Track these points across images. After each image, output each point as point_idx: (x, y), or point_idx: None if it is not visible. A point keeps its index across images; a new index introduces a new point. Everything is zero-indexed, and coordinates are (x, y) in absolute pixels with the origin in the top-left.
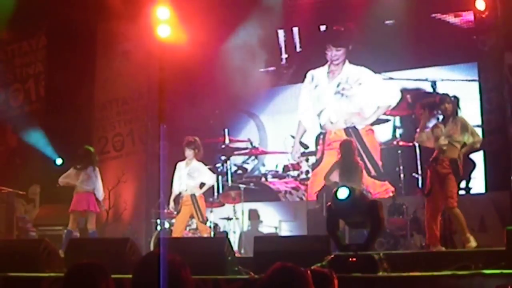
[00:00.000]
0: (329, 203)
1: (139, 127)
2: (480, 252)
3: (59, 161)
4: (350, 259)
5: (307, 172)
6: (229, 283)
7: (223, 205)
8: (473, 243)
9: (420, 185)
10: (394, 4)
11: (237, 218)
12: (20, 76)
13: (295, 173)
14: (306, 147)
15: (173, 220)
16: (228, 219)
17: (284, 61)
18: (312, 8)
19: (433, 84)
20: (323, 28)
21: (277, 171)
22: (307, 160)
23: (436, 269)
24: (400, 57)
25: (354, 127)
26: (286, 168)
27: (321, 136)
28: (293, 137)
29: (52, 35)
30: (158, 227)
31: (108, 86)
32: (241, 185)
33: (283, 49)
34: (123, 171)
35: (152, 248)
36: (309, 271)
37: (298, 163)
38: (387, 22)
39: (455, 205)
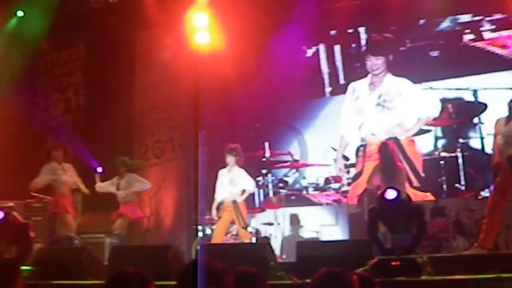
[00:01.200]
0: (371, 206)
1: (179, 134)
2: None
3: (99, 169)
4: (393, 263)
5: (349, 184)
6: None
7: (264, 210)
8: None
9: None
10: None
11: (278, 223)
12: (59, 85)
13: (336, 185)
14: (347, 159)
15: (214, 226)
16: (270, 224)
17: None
18: (350, 13)
19: (474, 93)
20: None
21: (318, 184)
22: (348, 172)
23: (480, 272)
24: (439, 66)
25: (396, 138)
26: (327, 181)
27: (361, 148)
28: (334, 149)
29: (91, 44)
30: (199, 234)
31: (147, 94)
32: (282, 190)
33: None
34: (164, 178)
35: (193, 254)
36: (355, 276)
37: (339, 176)
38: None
39: None
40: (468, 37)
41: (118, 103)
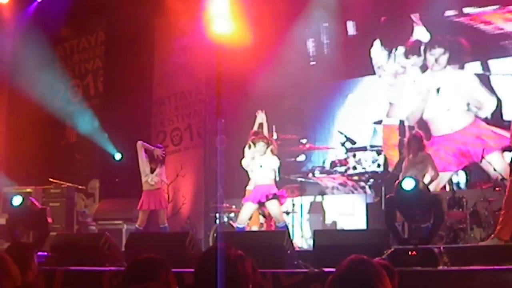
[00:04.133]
0: (388, 196)
1: (197, 122)
2: None
3: (118, 156)
4: (410, 252)
5: (354, 167)
6: (288, 277)
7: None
8: None
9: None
10: None
11: (295, 212)
12: (79, 72)
13: (342, 168)
14: (353, 142)
15: (232, 214)
16: (287, 213)
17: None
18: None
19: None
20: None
21: (324, 167)
22: (354, 156)
23: (496, 263)
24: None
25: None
26: (333, 164)
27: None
28: (341, 132)
29: (110, 31)
30: (217, 221)
31: (166, 81)
32: (299, 179)
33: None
34: (182, 165)
35: (211, 242)
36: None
37: (345, 159)
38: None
39: None
40: None
41: (136, 90)
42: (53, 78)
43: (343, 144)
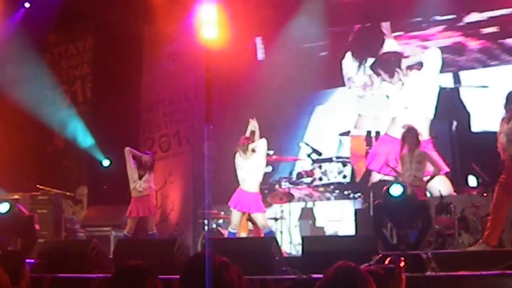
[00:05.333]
0: (376, 202)
1: (185, 128)
2: None
3: (106, 163)
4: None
5: (320, 179)
6: (277, 283)
7: (271, 205)
8: None
9: (468, 184)
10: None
11: (284, 218)
12: (67, 78)
13: (308, 179)
14: (319, 154)
15: (220, 220)
16: (276, 219)
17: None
18: (357, 8)
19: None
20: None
21: (291, 178)
22: (320, 167)
23: (484, 268)
24: None
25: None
26: (299, 175)
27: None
28: (307, 144)
29: (99, 37)
30: (205, 228)
31: (154, 87)
32: (289, 185)
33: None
34: (170, 171)
35: (199, 248)
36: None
37: (311, 170)
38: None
39: None
40: None
41: (125, 96)
42: (41, 84)
43: (309, 156)
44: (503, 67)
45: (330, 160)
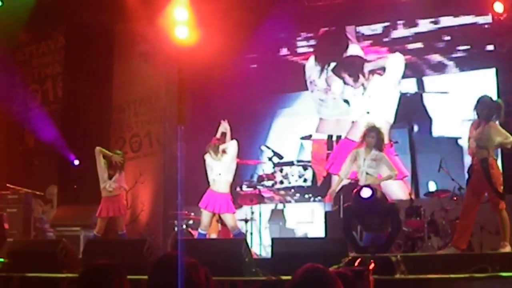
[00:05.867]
0: (346, 204)
1: (156, 128)
2: (497, 255)
3: (76, 162)
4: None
5: (281, 182)
6: (246, 285)
7: (241, 206)
8: None
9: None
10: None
11: (254, 220)
12: (38, 77)
13: (269, 183)
14: (280, 157)
15: (190, 221)
16: (246, 220)
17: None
18: (333, 11)
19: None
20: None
21: (252, 181)
22: (281, 171)
23: (453, 272)
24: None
25: None
26: (260, 178)
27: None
28: (267, 147)
29: (70, 36)
30: (176, 228)
31: (126, 87)
32: (259, 187)
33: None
34: (141, 172)
35: (169, 249)
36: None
37: (273, 173)
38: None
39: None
40: None
41: (96, 96)
42: (12, 83)
43: (270, 159)
44: (463, 74)
45: (291, 163)
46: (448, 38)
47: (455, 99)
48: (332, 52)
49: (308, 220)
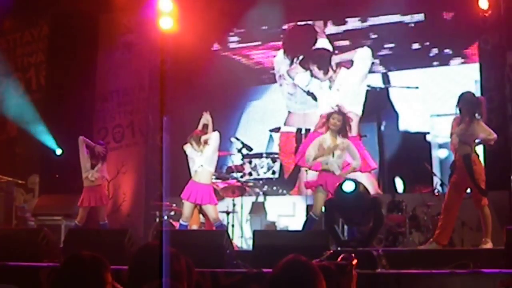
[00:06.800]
0: (328, 198)
1: (139, 119)
2: (479, 251)
3: (58, 151)
4: None
5: (250, 174)
6: (227, 277)
7: (223, 198)
8: None
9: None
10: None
11: (236, 212)
12: (21, 65)
13: (238, 174)
14: (250, 149)
15: (172, 213)
16: (227, 212)
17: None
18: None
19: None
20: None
21: (221, 172)
22: (250, 163)
23: (434, 267)
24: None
25: None
26: (229, 170)
27: None
28: (237, 139)
29: (54, 25)
30: (157, 219)
31: (109, 77)
32: (241, 179)
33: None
34: (123, 162)
35: (150, 239)
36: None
37: (241, 165)
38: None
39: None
40: None
41: (79, 85)
42: None
43: (239, 151)
44: (430, 69)
45: (260, 155)
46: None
47: (423, 94)
48: (301, 46)
49: (289, 213)
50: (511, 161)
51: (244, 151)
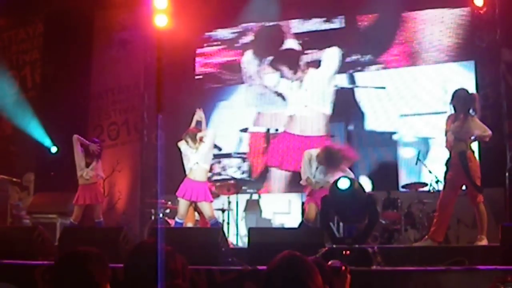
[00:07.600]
0: (323, 195)
1: (134, 117)
2: (474, 248)
3: (54, 149)
4: (344, 252)
5: (219, 174)
6: (223, 274)
7: (218, 196)
8: None
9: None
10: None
11: (231, 209)
12: (16, 63)
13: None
14: (219, 149)
15: (167, 210)
16: (223, 210)
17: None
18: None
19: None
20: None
21: None
22: (219, 162)
23: (430, 264)
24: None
25: None
26: None
27: None
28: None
29: (49, 22)
30: (153, 217)
31: (104, 74)
32: (236, 177)
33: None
34: (118, 160)
35: (146, 237)
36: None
37: (211, 165)
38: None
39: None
40: None
41: (74, 83)
42: None
43: None
44: (395, 70)
45: (229, 155)
46: None
47: (391, 94)
48: (269, 46)
49: (285, 211)
50: (506, 158)
51: (214, 150)
